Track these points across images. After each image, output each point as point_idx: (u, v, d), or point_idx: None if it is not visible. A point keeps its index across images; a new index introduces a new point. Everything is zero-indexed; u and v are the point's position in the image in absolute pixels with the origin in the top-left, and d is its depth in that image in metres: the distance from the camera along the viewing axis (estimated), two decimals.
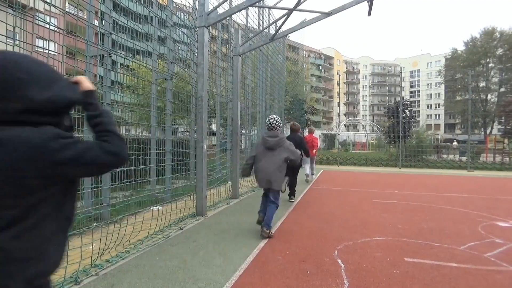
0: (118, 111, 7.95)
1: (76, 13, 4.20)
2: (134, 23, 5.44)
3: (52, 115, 1.05)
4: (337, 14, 6.57)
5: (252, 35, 8.95)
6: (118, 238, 3.87)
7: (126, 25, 5.30)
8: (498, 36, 48.02)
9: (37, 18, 3.53)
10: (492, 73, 49.67)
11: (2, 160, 0.93)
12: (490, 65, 49.64)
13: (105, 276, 3.14)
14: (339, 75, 32.49)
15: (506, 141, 24.03)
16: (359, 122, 72.71)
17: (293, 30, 7.67)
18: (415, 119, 33.07)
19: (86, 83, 1.19)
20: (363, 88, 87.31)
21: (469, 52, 49.88)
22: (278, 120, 4.79)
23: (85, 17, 4.56)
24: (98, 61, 4.82)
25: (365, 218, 5.75)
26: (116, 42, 5.40)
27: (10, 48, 3.17)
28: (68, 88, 1.10)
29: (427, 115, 75.00)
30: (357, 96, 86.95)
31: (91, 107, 1.17)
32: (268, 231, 4.47)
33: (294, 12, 6.62)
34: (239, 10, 6.09)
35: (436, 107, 75.23)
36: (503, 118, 37.44)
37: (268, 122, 4.78)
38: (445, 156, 22.60)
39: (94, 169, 1.11)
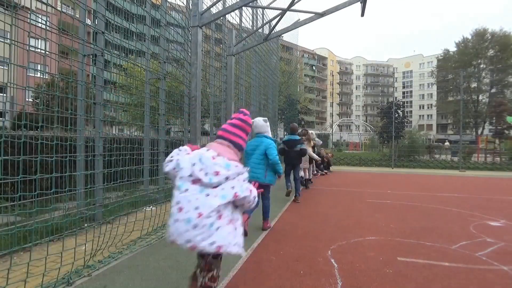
0: (111, 111, 7.89)
1: (69, 12, 4.16)
2: (128, 22, 5.40)
3: None
4: (330, 15, 6.58)
5: (245, 35, 8.94)
6: (110, 238, 3.85)
7: (120, 24, 5.26)
8: (489, 37, 48.56)
9: (30, 17, 3.49)
10: (483, 74, 50.24)
11: None
12: (481, 66, 50.19)
13: (97, 277, 3.11)
14: (333, 76, 32.67)
15: (497, 141, 24.27)
16: (352, 122, 73.03)
17: (286, 30, 7.68)
18: (407, 119, 33.32)
19: None
20: (356, 88, 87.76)
21: (460, 53, 50.41)
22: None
23: (78, 15, 4.52)
24: (92, 60, 4.77)
25: (358, 218, 5.78)
26: (110, 42, 5.35)
27: (2, 47, 3.13)
28: None
29: (420, 116, 75.66)
30: (350, 97, 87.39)
31: None
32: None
33: (287, 12, 6.62)
34: (233, 10, 6.07)
35: (428, 108, 75.90)
36: (494, 118, 37.89)
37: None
38: (437, 156, 22.80)
39: None
